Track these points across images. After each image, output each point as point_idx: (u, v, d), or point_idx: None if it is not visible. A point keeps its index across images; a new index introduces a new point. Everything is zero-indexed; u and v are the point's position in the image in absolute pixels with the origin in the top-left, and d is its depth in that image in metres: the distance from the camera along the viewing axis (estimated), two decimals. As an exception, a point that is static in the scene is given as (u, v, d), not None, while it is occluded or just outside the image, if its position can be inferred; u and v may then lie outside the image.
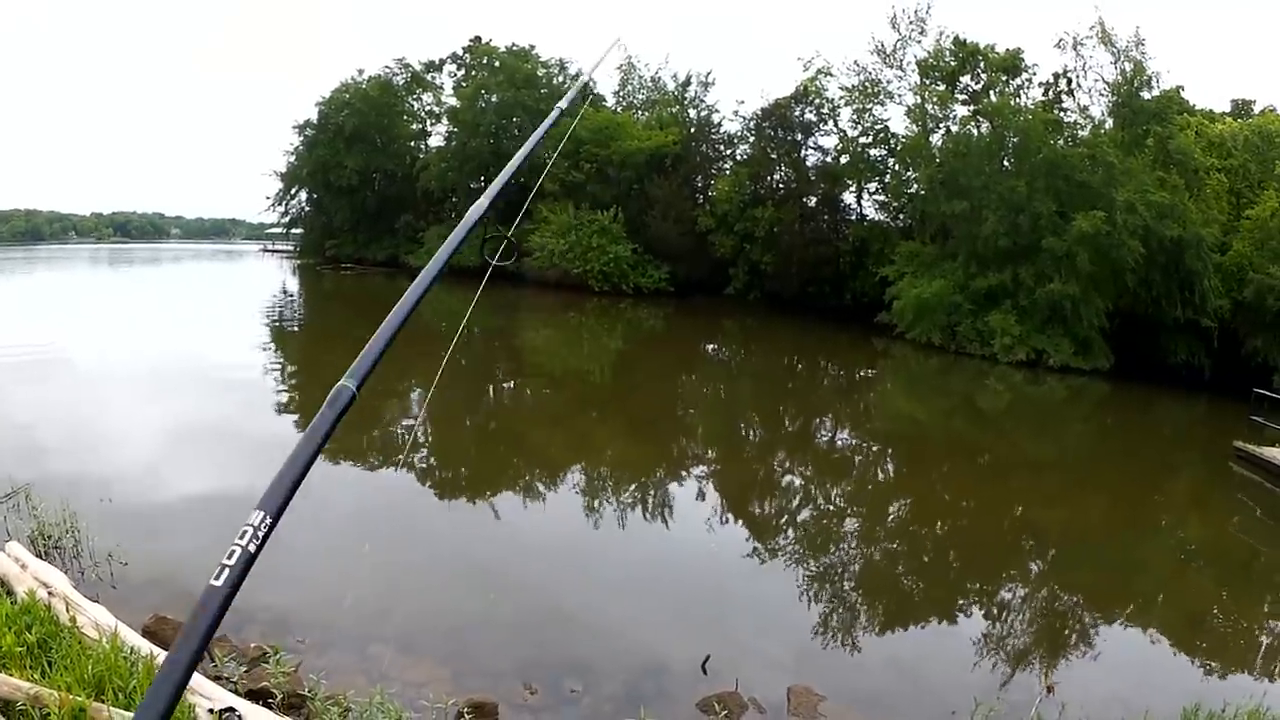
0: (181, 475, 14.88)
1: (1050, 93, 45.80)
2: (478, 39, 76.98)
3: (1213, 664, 11.27)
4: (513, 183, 3.18)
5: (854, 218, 57.74)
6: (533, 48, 75.77)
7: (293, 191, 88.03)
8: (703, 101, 69.58)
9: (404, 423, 21.28)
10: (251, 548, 1.86)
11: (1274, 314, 35.11)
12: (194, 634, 1.72)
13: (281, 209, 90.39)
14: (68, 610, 7.57)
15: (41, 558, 9.56)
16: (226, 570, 1.81)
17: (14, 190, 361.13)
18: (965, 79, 48.79)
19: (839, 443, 25.07)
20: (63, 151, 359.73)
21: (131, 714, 5.53)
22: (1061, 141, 43.02)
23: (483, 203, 3.22)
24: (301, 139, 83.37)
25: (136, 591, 9.79)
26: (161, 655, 6.60)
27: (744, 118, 62.76)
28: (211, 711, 6.13)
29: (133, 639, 7.21)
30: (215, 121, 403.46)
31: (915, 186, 51.14)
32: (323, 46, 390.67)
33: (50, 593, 8.04)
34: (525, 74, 72.40)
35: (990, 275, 40.44)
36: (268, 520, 1.92)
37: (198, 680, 6.61)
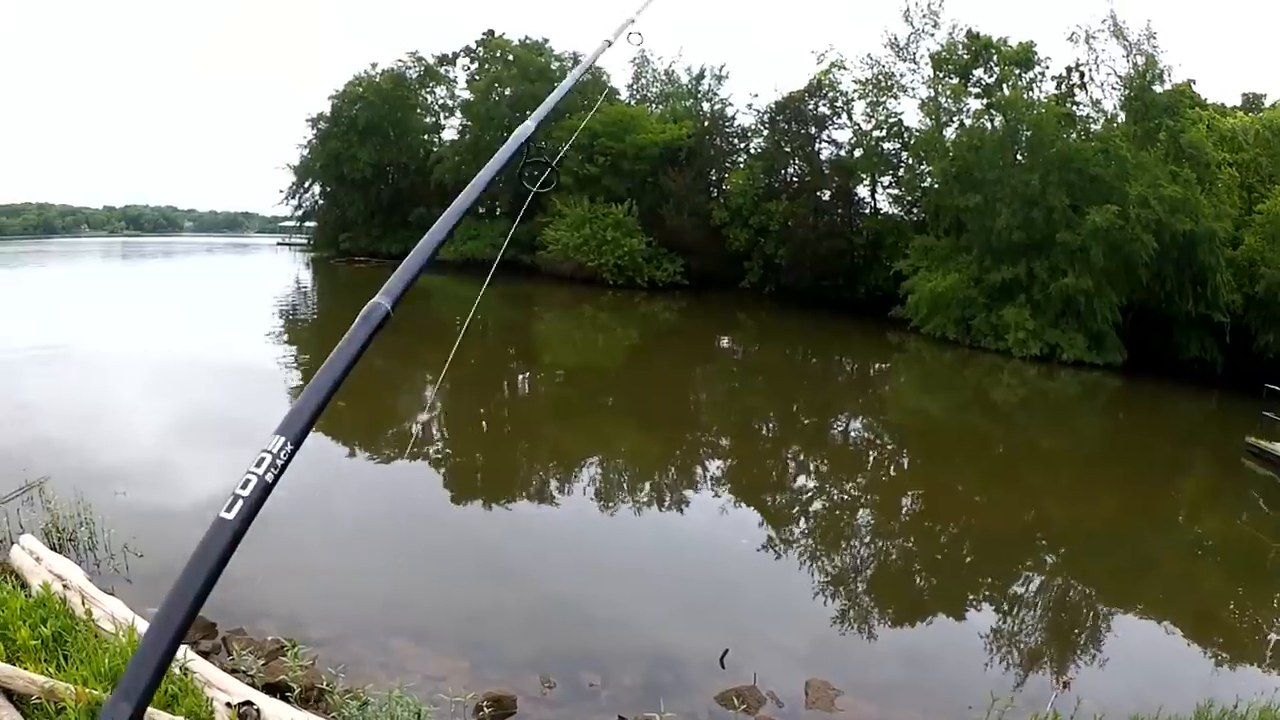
0: (195, 467, 14.95)
1: (1063, 86, 45.48)
2: (490, 32, 76.64)
3: (1226, 660, 11.36)
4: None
5: (868, 211, 57.62)
6: (546, 41, 75.70)
7: (306, 185, 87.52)
8: (716, 95, 69.79)
9: (420, 418, 21.30)
10: (269, 477, 1.74)
11: (1287, 309, 34.97)
12: (201, 569, 1.63)
13: (295, 202, 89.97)
14: (83, 603, 7.60)
15: (56, 551, 9.65)
16: (240, 502, 1.69)
17: (25, 184, 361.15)
18: (978, 72, 48.57)
19: (853, 437, 25.21)
20: (74, 145, 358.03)
21: (150, 707, 5.51)
22: (1074, 135, 42.79)
23: (529, 125, 3.13)
24: (314, 132, 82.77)
25: (152, 583, 9.68)
26: (180, 648, 6.59)
27: (757, 111, 62.62)
28: (229, 705, 6.17)
29: (150, 632, 7.24)
30: (228, 114, 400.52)
31: (929, 180, 51.11)
32: (336, 39, 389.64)
33: (65, 586, 8.03)
34: (539, 67, 72.14)
35: (1004, 269, 40.33)
36: (289, 447, 1.80)
37: (215, 674, 6.76)
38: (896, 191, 56.83)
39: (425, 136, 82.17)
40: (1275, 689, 9.15)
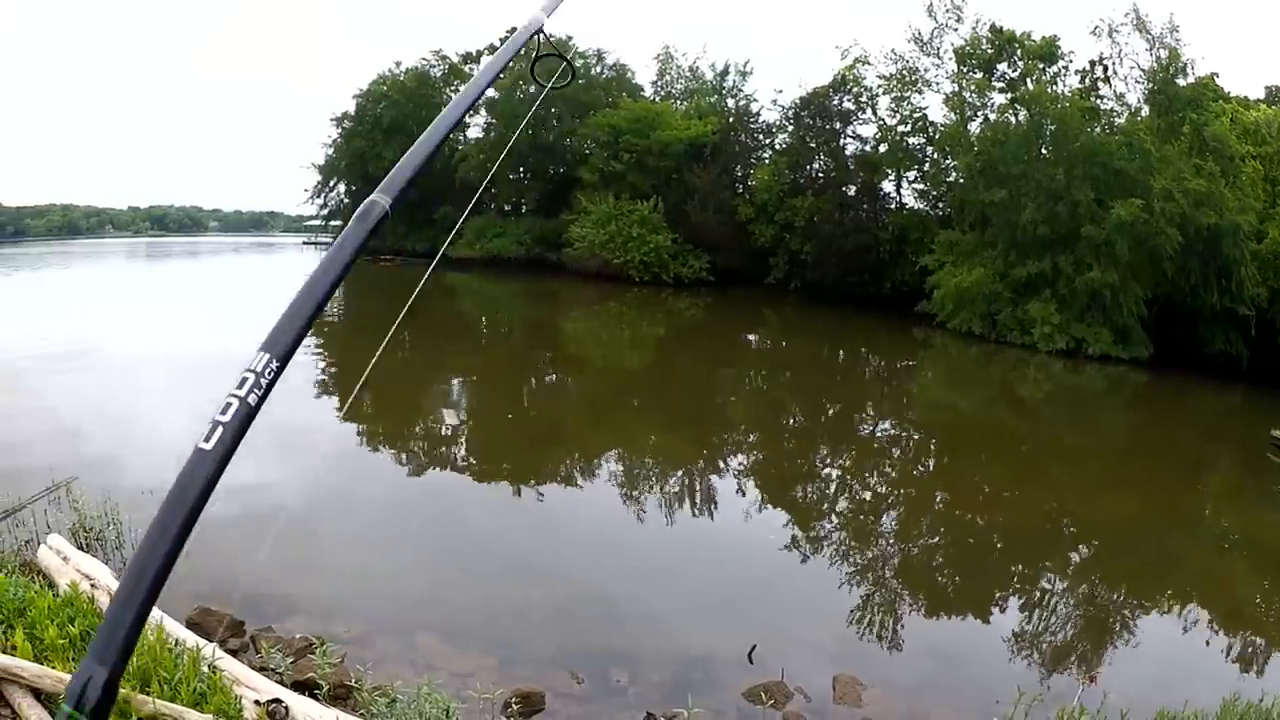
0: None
1: (1086, 80, 45.79)
2: (514, 30, 76.78)
3: (1251, 654, 11.56)
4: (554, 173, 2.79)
5: (893, 206, 57.77)
6: (570, 38, 75.95)
7: (331, 184, 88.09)
8: (741, 91, 70.00)
9: (445, 416, 21.47)
10: (252, 399, 1.61)
11: (1311, 303, 34.98)
12: (176, 511, 1.53)
13: (320, 201, 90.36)
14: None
15: (84, 550, 9.61)
16: (220, 429, 1.57)
17: (50, 186, 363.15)
18: (1002, 67, 48.86)
19: (880, 433, 25.39)
20: (98, 146, 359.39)
21: (178, 705, 5.67)
22: (1098, 129, 42.87)
23: (540, 15, 2.83)
24: (339, 131, 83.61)
25: (180, 582, 9.54)
26: (207, 646, 6.67)
27: (782, 107, 62.94)
28: (258, 703, 6.22)
29: (177, 631, 7.22)
30: (236, 114, 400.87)
31: (954, 175, 51.39)
32: (335, 39, 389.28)
33: (93, 585, 7.96)
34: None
35: (1029, 264, 40.50)
36: (274, 365, 1.67)
37: (243, 671, 6.78)
38: (921, 186, 57.08)
39: (450, 135, 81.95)
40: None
